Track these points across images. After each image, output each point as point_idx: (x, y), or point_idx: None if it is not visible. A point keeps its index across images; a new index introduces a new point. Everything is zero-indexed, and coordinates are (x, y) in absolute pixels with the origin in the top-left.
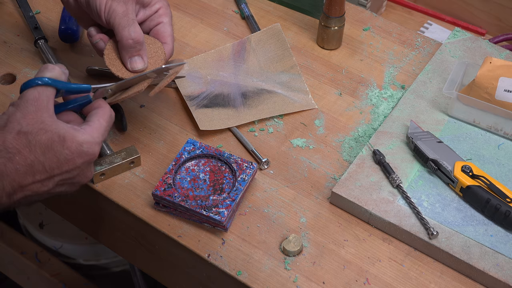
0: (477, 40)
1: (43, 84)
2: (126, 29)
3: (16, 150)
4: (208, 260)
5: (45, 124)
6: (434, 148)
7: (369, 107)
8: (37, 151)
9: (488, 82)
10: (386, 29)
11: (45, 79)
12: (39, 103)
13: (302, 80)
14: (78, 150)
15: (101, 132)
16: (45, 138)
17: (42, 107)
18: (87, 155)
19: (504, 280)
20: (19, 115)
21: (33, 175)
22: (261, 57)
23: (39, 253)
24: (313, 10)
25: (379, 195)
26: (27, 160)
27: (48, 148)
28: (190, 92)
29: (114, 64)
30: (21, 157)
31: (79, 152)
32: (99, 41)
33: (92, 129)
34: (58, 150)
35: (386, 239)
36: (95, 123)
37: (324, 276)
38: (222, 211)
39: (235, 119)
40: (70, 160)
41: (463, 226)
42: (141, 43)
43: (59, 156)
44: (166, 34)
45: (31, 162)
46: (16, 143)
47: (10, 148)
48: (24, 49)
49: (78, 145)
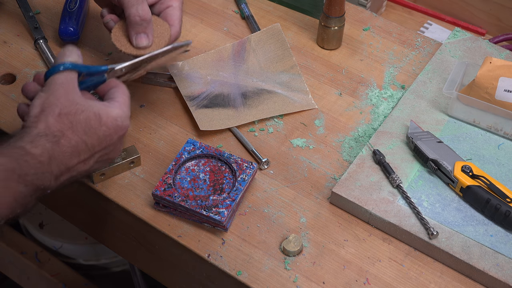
0: (477, 40)
1: (67, 68)
2: (135, 7)
3: (61, 133)
4: (208, 260)
5: (80, 104)
6: (434, 148)
7: (369, 107)
8: (79, 131)
9: (488, 82)
10: (386, 29)
11: (67, 64)
12: (68, 86)
13: (302, 80)
14: (114, 125)
15: (128, 106)
16: (83, 117)
17: (70, 89)
18: (122, 129)
19: (504, 280)
20: (53, 99)
21: (78, 155)
22: (261, 57)
23: (39, 253)
24: (313, 10)
25: (379, 195)
26: (72, 141)
27: (88, 126)
28: (190, 92)
29: (119, 40)
30: (66, 139)
31: (115, 127)
32: (109, 21)
33: (120, 104)
34: (96, 127)
35: (386, 239)
36: (120, 98)
37: (324, 276)
38: (222, 211)
39: (235, 119)
40: (108, 136)
41: (463, 226)
42: (147, 21)
43: (98, 133)
44: (174, 17)
45: (75, 143)
46: (59, 126)
47: (55, 132)
48: (24, 49)
49: (113, 120)
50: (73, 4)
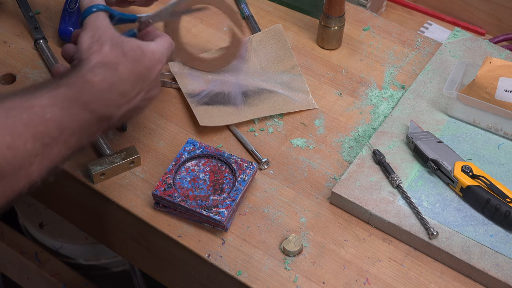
0: (477, 40)
1: (100, 9)
2: None
3: (117, 60)
4: (208, 260)
5: (123, 37)
6: (434, 148)
7: (369, 107)
8: (130, 59)
9: (488, 82)
10: (386, 29)
11: (100, 6)
12: (105, 23)
13: (303, 81)
14: (154, 58)
15: (167, 47)
16: (129, 46)
17: (109, 26)
18: (159, 63)
19: (504, 280)
20: (100, 32)
21: (134, 83)
22: (262, 57)
23: (39, 253)
24: (313, 10)
25: (379, 195)
26: (128, 67)
27: (136, 56)
28: (191, 90)
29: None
30: (122, 66)
31: (154, 60)
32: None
33: (159, 43)
34: (141, 57)
35: (386, 239)
36: (161, 39)
37: (324, 276)
38: (222, 211)
39: (235, 116)
40: (151, 67)
41: (463, 226)
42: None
43: (144, 63)
44: None
45: (131, 69)
46: (114, 54)
47: (112, 59)
48: (24, 49)
49: (152, 53)
50: (73, 4)
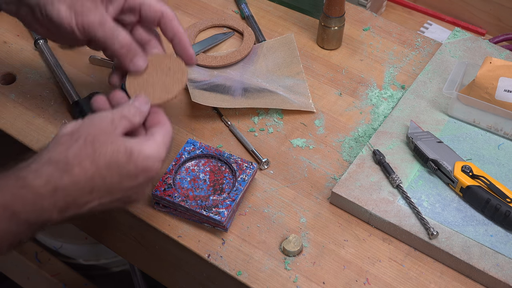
0: (477, 40)
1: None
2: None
3: (77, 161)
4: (208, 260)
5: (113, 135)
6: (434, 148)
7: (369, 107)
8: (100, 163)
9: (488, 82)
10: (386, 29)
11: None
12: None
13: (306, 86)
14: (143, 165)
15: (165, 148)
16: (110, 149)
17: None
18: (151, 171)
19: (504, 280)
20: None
21: (91, 191)
22: (270, 62)
23: (39, 253)
24: (313, 10)
25: (379, 195)
26: (88, 173)
27: (113, 161)
28: (193, 77)
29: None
30: (81, 169)
31: (144, 167)
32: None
33: (158, 143)
34: (122, 163)
35: (386, 239)
36: (160, 137)
37: (324, 276)
38: (222, 211)
39: (229, 103)
40: (133, 176)
41: (463, 226)
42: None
43: (122, 171)
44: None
45: (91, 175)
46: (78, 152)
47: (71, 159)
48: (24, 49)
49: (144, 158)
50: None
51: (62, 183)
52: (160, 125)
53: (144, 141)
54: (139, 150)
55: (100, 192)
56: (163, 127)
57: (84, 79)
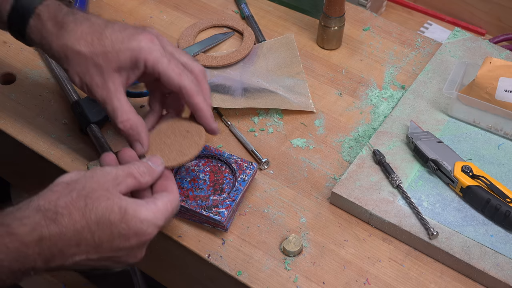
0: (477, 40)
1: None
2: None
3: (66, 211)
4: (208, 260)
5: (109, 192)
6: (434, 148)
7: (369, 107)
8: (90, 218)
9: (488, 82)
10: (386, 29)
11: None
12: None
13: (306, 86)
14: (136, 227)
15: (165, 216)
16: (104, 205)
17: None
18: (144, 235)
19: (504, 280)
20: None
21: (78, 244)
22: (270, 62)
23: None
24: (313, 10)
25: (379, 195)
26: (76, 225)
27: (104, 218)
28: None
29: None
30: (70, 220)
31: (136, 229)
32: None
33: (157, 209)
34: (114, 222)
35: (386, 239)
36: (162, 204)
37: (324, 276)
38: (222, 211)
39: (229, 103)
40: (124, 236)
41: (463, 226)
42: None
43: (113, 229)
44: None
45: (80, 228)
46: (69, 203)
47: (60, 208)
48: (24, 49)
49: (138, 221)
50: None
51: (48, 232)
52: (167, 192)
53: (143, 204)
54: (135, 211)
55: (88, 247)
56: (169, 195)
57: None
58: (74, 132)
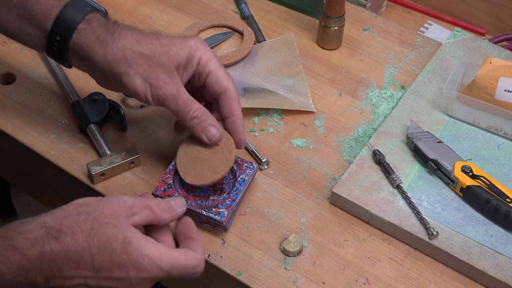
0: (477, 40)
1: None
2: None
3: (70, 231)
4: (208, 260)
5: (118, 221)
6: (434, 148)
7: (369, 107)
8: (93, 242)
9: (488, 82)
10: (386, 29)
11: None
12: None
13: (306, 86)
14: (136, 261)
15: (174, 265)
16: (109, 232)
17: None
18: (144, 272)
19: (504, 280)
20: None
21: (77, 266)
22: (270, 62)
23: None
24: (313, 10)
25: (379, 195)
26: (78, 247)
27: (107, 244)
28: None
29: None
30: (73, 240)
31: (136, 263)
32: None
33: (167, 252)
34: (115, 250)
35: (386, 239)
36: (177, 252)
37: (324, 276)
38: (222, 211)
39: None
40: (124, 267)
41: (463, 226)
42: (205, 115)
43: (114, 258)
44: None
45: (81, 250)
46: (76, 225)
47: (65, 227)
48: (24, 49)
49: (140, 255)
50: None
51: (50, 248)
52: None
53: (152, 242)
54: (139, 245)
55: (87, 271)
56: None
57: (84, 79)
58: (74, 132)
